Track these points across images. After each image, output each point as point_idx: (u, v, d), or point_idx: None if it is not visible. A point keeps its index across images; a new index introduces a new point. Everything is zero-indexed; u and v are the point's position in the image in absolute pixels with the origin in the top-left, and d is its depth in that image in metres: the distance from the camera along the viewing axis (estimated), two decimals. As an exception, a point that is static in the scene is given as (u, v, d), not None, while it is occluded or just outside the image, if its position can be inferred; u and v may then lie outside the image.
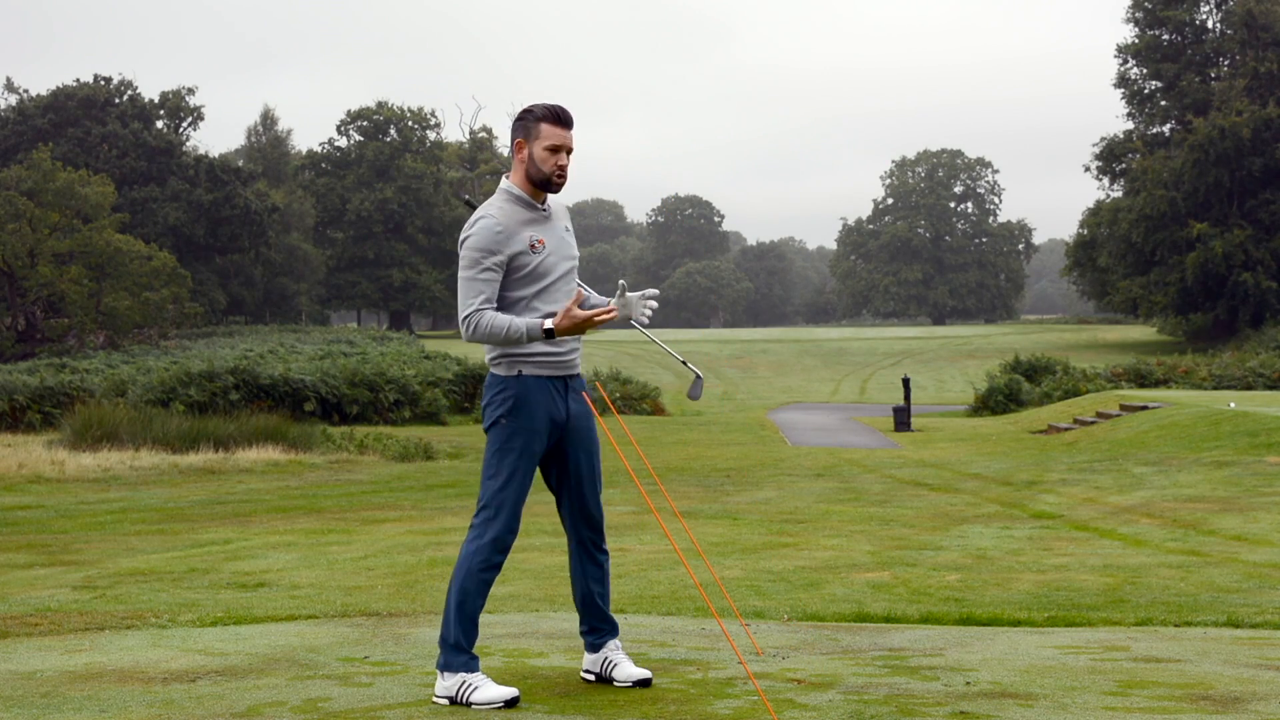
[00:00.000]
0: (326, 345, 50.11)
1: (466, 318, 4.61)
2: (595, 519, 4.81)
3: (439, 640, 4.61)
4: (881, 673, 4.94)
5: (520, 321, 4.53)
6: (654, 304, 4.73)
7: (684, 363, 4.96)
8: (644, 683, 4.69)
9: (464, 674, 4.51)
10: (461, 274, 4.67)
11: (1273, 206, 57.83)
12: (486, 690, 4.45)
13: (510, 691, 4.44)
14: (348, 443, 23.17)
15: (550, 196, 4.74)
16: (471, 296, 4.61)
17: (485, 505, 4.62)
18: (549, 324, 4.50)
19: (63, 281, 50.91)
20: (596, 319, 4.51)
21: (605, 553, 4.89)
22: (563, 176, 4.63)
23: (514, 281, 4.63)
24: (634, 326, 4.81)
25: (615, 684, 4.72)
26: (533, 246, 4.62)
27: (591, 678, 4.81)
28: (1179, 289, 58.23)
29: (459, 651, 4.53)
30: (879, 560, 10.56)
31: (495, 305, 4.62)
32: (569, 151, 4.63)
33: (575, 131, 4.71)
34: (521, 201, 4.67)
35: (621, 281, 4.78)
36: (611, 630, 4.84)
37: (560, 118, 4.62)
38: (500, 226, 4.61)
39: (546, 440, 4.65)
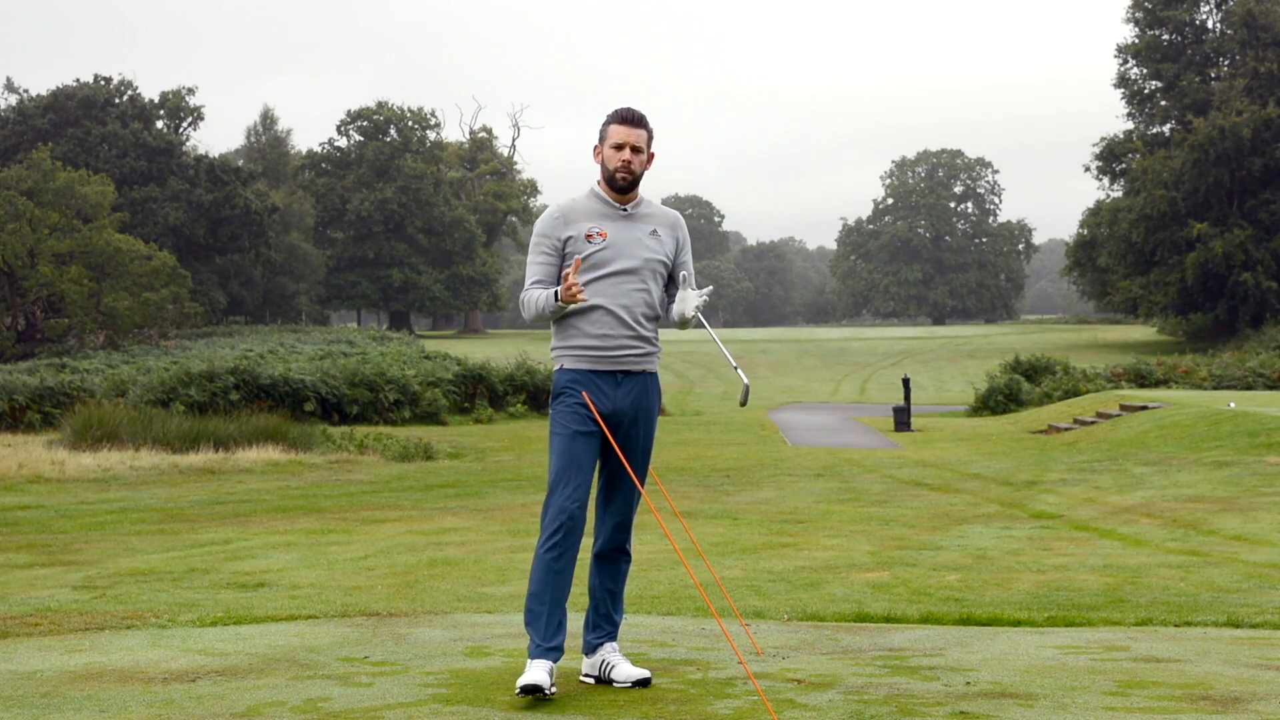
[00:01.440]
0: (326, 345, 50.11)
1: (520, 298, 4.81)
2: (623, 519, 4.85)
3: None
4: (881, 673, 4.94)
5: (544, 294, 4.72)
6: (705, 298, 4.82)
7: (735, 368, 5.03)
8: (643, 682, 4.70)
9: (530, 657, 4.61)
10: (527, 259, 4.87)
11: (1273, 206, 57.81)
12: (524, 675, 4.51)
13: (535, 676, 4.45)
14: (348, 443, 23.16)
15: (654, 204, 4.90)
16: (528, 279, 4.81)
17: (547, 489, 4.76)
18: (559, 291, 4.66)
19: (63, 281, 50.88)
20: (569, 286, 4.59)
21: (627, 555, 4.93)
22: (627, 172, 4.74)
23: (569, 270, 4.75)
24: (697, 327, 4.88)
25: (615, 685, 4.73)
26: (588, 236, 4.74)
27: (591, 680, 4.82)
28: (1179, 289, 58.20)
29: (531, 638, 4.64)
30: (879, 560, 10.55)
31: (554, 286, 4.78)
32: (635, 149, 4.74)
33: (651, 132, 4.80)
34: (597, 197, 4.82)
35: (684, 273, 4.84)
36: (611, 633, 4.86)
37: (625, 118, 4.77)
38: (560, 213, 4.79)
39: (587, 425, 4.69)
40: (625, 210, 4.80)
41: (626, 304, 4.73)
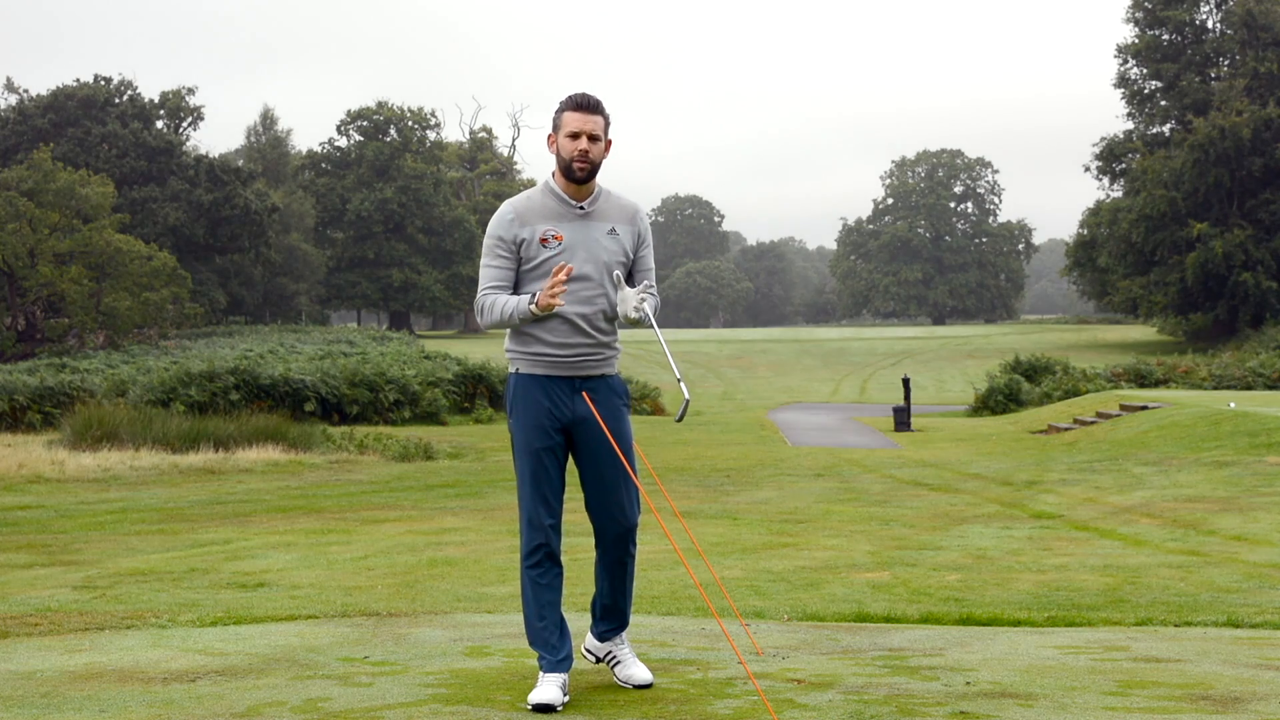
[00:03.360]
0: (326, 345, 50.11)
1: (476, 302, 4.62)
2: (622, 521, 4.72)
3: None
4: (881, 673, 4.94)
5: (512, 301, 4.53)
6: (650, 300, 4.58)
7: (679, 380, 4.75)
8: (645, 687, 4.67)
9: (542, 671, 4.54)
10: (481, 262, 4.69)
11: (1273, 206, 57.81)
12: (536, 690, 4.45)
13: (547, 695, 4.39)
14: (348, 443, 23.16)
15: (612, 196, 4.68)
16: (483, 282, 4.62)
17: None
18: (533, 301, 4.49)
19: (63, 281, 50.89)
20: (549, 293, 4.42)
21: (631, 556, 4.81)
22: (584, 162, 4.52)
23: (525, 274, 4.60)
24: (646, 327, 4.66)
25: (616, 680, 4.72)
26: (543, 240, 4.55)
27: (591, 659, 4.78)
28: (1179, 289, 58.21)
29: (540, 654, 4.59)
30: (879, 560, 10.55)
31: (510, 290, 4.60)
32: (593, 138, 4.52)
33: (608, 119, 4.59)
34: (552, 194, 4.61)
35: (615, 273, 4.62)
36: (619, 627, 4.82)
37: (580, 104, 4.54)
38: (513, 214, 4.59)
39: (550, 438, 4.59)
40: (582, 208, 4.59)
41: (584, 311, 4.56)
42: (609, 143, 4.63)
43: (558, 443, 4.62)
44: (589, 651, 4.82)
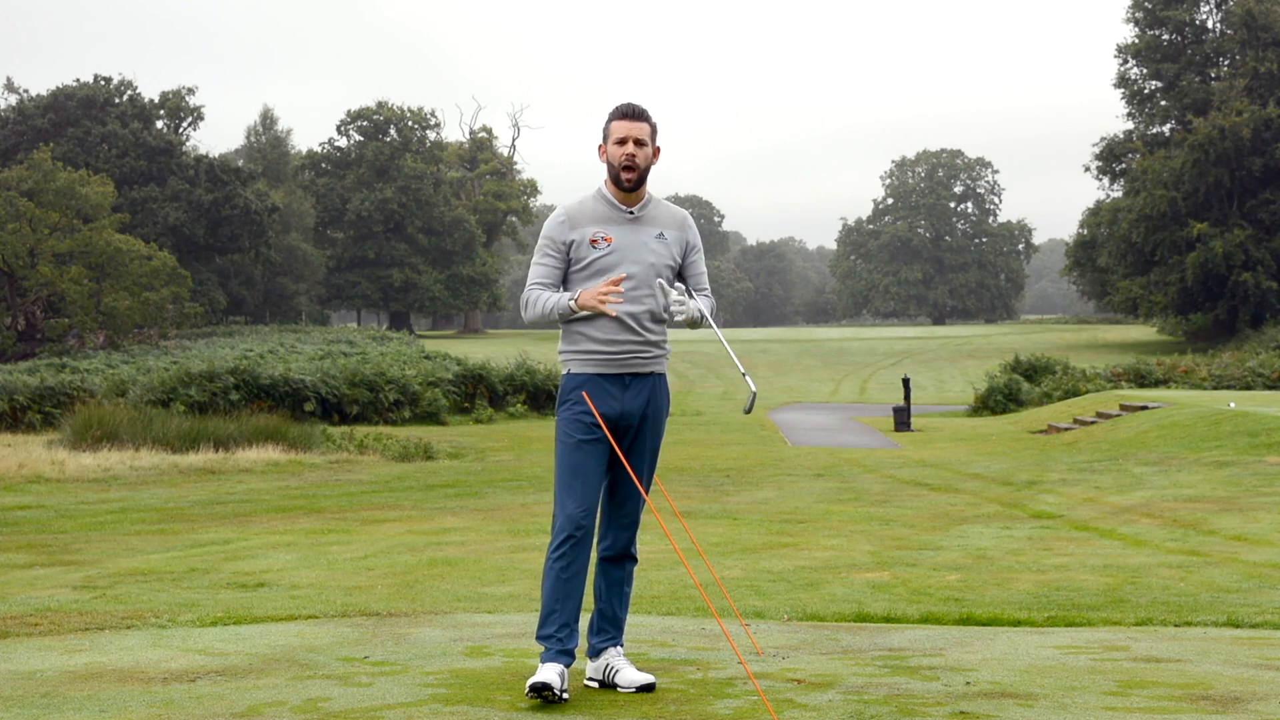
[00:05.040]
0: (326, 345, 50.10)
1: (522, 297, 4.78)
2: (629, 521, 4.82)
3: None
4: (881, 673, 4.94)
5: (554, 297, 4.68)
6: (677, 295, 4.75)
7: (744, 375, 4.85)
8: (647, 688, 4.67)
9: (542, 661, 4.60)
10: (531, 260, 4.85)
11: (1273, 206, 57.79)
12: (535, 676, 4.49)
13: (545, 676, 4.44)
14: (348, 443, 23.16)
15: (662, 204, 4.83)
16: (531, 279, 4.77)
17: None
18: (572, 298, 4.63)
19: (63, 281, 50.89)
20: (600, 295, 4.57)
21: (634, 558, 4.89)
22: (630, 168, 4.67)
23: (574, 275, 4.73)
24: (705, 326, 4.77)
25: (619, 690, 4.72)
26: (593, 242, 4.70)
27: (595, 684, 4.80)
28: (1179, 289, 58.19)
29: (544, 644, 4.63)
30: (879, 560, 10.56)
31: (556, 288, 4.75)
32: (639, 143, 4.67)
33: (654, 126, 4.74)
34: (604, 200, 4.76)
35: (659, 281, 4.72)
36: (614, 637, 4.83)
37: (626, 113, 4.71)
38: (565, 216, 4.74)
39: (592, 432, 4.65)
40: (631, 213, 4.74)
41: (631, 310, 4.67)
42: (657, 150, 4.77)
43: (600, 438, 4.68)
44: (591, 679, 4.81)
